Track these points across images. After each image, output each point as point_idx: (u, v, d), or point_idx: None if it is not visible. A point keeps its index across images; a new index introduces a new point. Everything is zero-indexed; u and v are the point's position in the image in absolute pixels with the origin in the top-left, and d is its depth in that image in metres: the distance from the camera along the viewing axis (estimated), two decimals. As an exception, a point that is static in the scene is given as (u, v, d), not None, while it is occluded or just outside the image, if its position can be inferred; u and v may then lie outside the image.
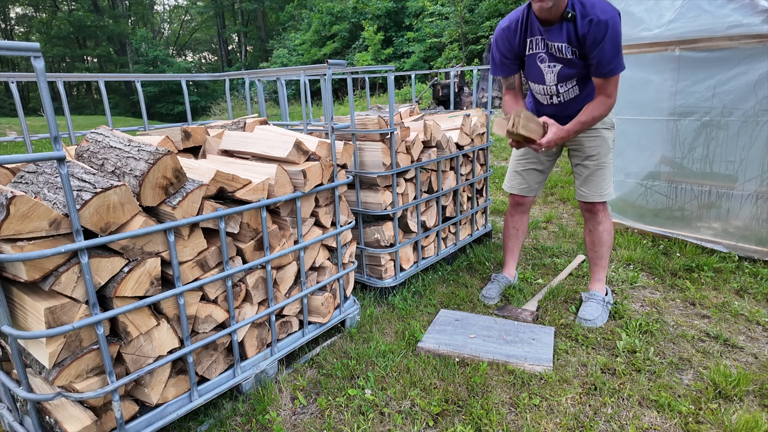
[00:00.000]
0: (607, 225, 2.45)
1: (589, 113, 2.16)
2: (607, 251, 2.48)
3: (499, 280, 2.76)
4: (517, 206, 2.69)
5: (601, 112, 2.15)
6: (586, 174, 2.41)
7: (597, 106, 2.14)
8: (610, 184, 2.41)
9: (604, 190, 2.40)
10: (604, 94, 2.12)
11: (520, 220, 2.73)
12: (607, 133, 2.36)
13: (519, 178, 2.63)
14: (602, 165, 2.37)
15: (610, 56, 2.02)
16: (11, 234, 1.23)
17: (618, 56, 2.03)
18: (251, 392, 1.89)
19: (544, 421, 1.72)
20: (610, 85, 2.10)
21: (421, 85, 12.67)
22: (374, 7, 17.82)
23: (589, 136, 2.37)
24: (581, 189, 2.45)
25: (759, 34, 2.77)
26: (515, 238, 2.76)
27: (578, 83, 2.24)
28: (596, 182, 2.39)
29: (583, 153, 2.40)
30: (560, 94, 2.29)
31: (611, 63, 2.04)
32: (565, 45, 2.10)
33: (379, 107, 3.56)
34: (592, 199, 2.41)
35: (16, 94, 2.11)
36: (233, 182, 1.71)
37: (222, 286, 1.74)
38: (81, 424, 1.40)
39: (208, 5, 36.42)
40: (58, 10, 33.10)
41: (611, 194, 2.42)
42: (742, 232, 3.06)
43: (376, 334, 2.29)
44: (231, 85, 8.78)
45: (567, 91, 2.27)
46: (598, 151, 2.37)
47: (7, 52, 1.14)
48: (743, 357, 2.08)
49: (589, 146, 2.38)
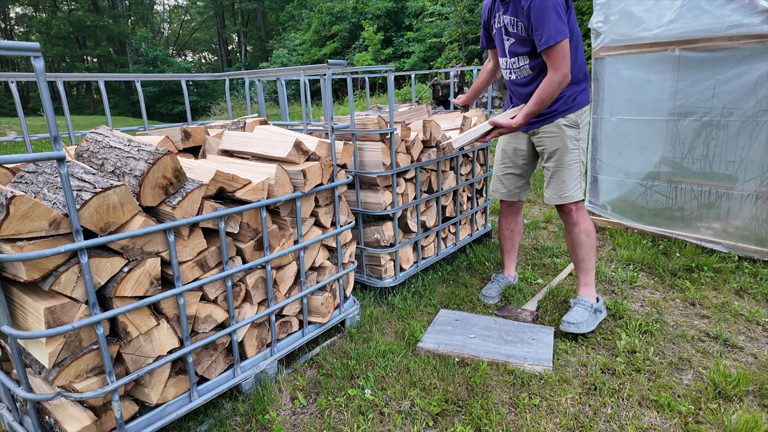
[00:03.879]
0: (584, 226, 2.34)
1: (539, 91, 2.09)
2: (588, 253, 2.36)
3: (498, 280, 2.74)
4: (507, 208, 2.70)
5: (551, 89, 2.07)
6: (548, 176, 2.37)
7: (545, 83, 2.08)
8: (574, 186, 2.31)
9: (565, 191, 2.31)
10: (551, 69, 2.06)
11: (513, 221, 2.71)
12: (569, 131, 2.28)
13: (499, 183, 2.64)
14: (563, 165, 2.30)
15: (540, 23, 2.00)
16: (11, 234, 1.23)
17: (550, 24, 1.98)
18: (251, 392, 1.89)
19: (544, 421, 1.72)
20: (554, 56, 2.03)
21: (421, 85, 12.68)
22: (374, 7, 17.81)
23: (549, 134, 2.31)
24: (545, 191, 2.41)
25: (759, 34, 2.77)
26: (510, 239, 2.74)
27: (530, 62, 2.22)
28: (556, 184, 2.33)
29: (545, 153, 2.36)
30: (513, 71, 2.30)
31: (544, 31, 2.00)
32: (514, 19, 2.15)
33: (379, 107, 3.56)
34: (554, 201, 2.36)
35: (16, 94, 2.11)
36: (233, 182, 1.71)
37: (222, 286, 1.74)
38: (81, 424, 1.40)
39: (208, 5, 36.40)
40: (58, 10, 33.09)
41: (576, 196, 2.31)
42: (741, 232, 3.06)
43: (376, 334, 2.29)
44: (231, 85, 8.79)
45: (519, 68, 2.27)
46: (557, 151, 2.31)
47: (7, 52, 1.14)
48: (743, 357, 2.08)
49: (550, 145, 2.33)
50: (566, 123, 2.28)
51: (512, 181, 2.58)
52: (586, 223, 2.36)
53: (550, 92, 2.08)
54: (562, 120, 2.28)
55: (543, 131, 2.33)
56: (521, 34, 2.15)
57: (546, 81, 2.08)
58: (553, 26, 1.99)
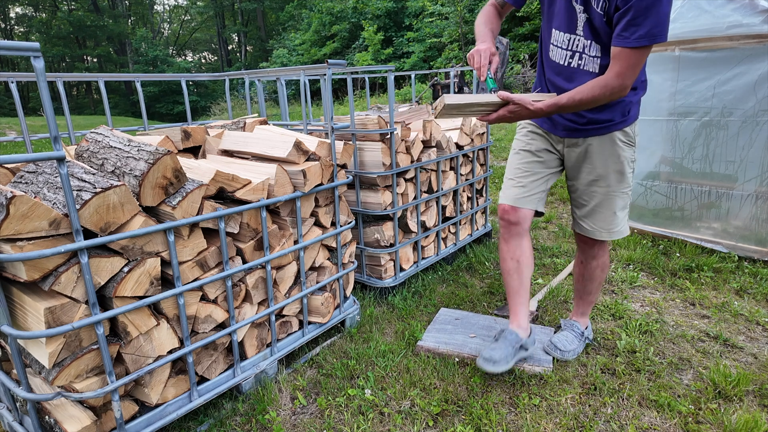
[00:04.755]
0: (602, 260, 2.01)
1: (584, 90, 1.57)
2: (597, 287, 2.08)
3: (506, 336, 1.93)
4: (509, 227, 1.94)
5: (599, 94, 1.56)
6: (591, 203, 1.87)
7: (597, 85, 1.55)
8: (625, 217, 1.88)
9: (616, 226, 1.86)
10: (613, 71, 1.53)
11: (517, 246, 1.94)
12: (627, 151, 1.80)
13: (512, 183, 1.97)
14: (615, 193, 1.83)
15: (644, 11, 1.41)
16: (11, 234, 1.23)
17: (658, 15, 1.41)
18: (251, 392, 1.89)
19: (544, 421, 1.72)
20: (630, 60, 1.49)
21: (421, 85, 12.68)
22: (374, 7, 17.82)
23: (600, 151, 1.80)
24: (584, 221, 1.91)
25: (759, 34, 2.77)
26: (517, 273, 1.95)
27: (601, 57, 1.64)
28: (605, 216, 1.85)
29: (591, 173, 1.83)
30: (576, 56, 1.68)
31: (644, 23, 1.42)
32: None
33: (379, 107, 3.57)
34: (602, 236, 1.89)
35: (16, 94, 2.11)
36: (233, 182, 1.71)
37: (222, 286, 1.74)
38: (81, 424, 1.40)
39: (208, 5, 36.42)
40: (57, 10, 33.11)
41: (626, 230, 1.91)
42: (741, 232, 3.06)
43: (375, 334, 2.29)
44: (231, 85, 8.79)
45: (588, 58, 1.66)
46: (611, 175, 1.80)
47: (7, 52, 1.14)
48: (743, 357, 2.08)
49: (601, 165, 1.80)
50: (624, 139, 1.79)
51: (532, 177, 1.93)
52: (605, 257, 2.02)
53: (596, 98, 1.57)
54: (620, 134, 1.78)
55: (591, 144, 1.80)
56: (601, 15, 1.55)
57: (599, 83, 1.56)
58: (660, 20, 1.42)
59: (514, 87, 11.15)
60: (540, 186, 1.93)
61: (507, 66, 10.57)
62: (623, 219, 1.88)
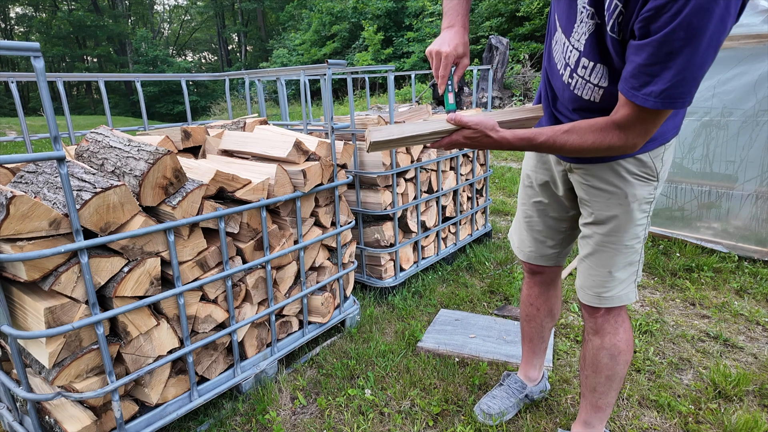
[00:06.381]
0: (610, 340, 1.38)
1: (574, 135, 1.10)
2: (605, 385, 1.43)
3: (509, 384, 1.76)
4: (533, 275, 1.66)
5: (600, 144, 1.08)
6: (586, 249, 1.36)
7: (599, 132, 1.08)
8: (627, 279, 1.33)
9: (607, 289, 1.33)
10: (614, 119, 1.06)
11: (541, 295, 1.66)
12: (639, 187, 1.25)
13: (519, 231, 1.63)
14: (615, 244, 1.30)
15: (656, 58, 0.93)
16: (11, 234, 1.23)
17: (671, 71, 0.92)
18: (251, 392, 1.89)
19: (544, 421, 1.72)
20: (633, 114, 1.02)
21: (421, 85, 12.68)
22: (374, 7, 17.81)
23: (599, 185, 1.29)
24: (578, 279, 1.42)
25: (759, 34, 2.77)
26: (534, 320, 1.70)
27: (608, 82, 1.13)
28: (596, 271, 1.34)
29: (589, 211, 1.34)
30: (575, 76, 1.18)
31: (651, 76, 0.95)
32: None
33: (379, 107, 3.57)
34: (584, 299, 1.39)
35: (16, 94, 2.11)
36: (233, 182, 1.71)
37: (222, 286, 1.74)
38: (81, 424, 1.40)
39: (208, 5, 36.42)
40: (58, 10, 33.10)
41: (626, 297, 1.34)
42: (741, 232, 3.06)
43: (376, 334, 2.29)
44: (231, 85, 8.78)
45: (588, 82, 1.16)
46: (612, 219, 1.29)
47: (7, 51, 1.14)
48: (743, 357, 2.08)
49: (599, 205, 1.30)
50: (636, 170, 1.25)
51: (540, 233, 1.55)
52: (617, 337, 1.38)
53: (588, 149, 1.10)
54: (629, 164, 1.24)
55: (588, 173, 1.30)
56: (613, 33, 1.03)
57: (602, 131, 1.08)
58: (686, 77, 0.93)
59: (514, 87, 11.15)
60: (549, 237, 1.55)
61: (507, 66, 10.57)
62: (624, 282, 1.33)
